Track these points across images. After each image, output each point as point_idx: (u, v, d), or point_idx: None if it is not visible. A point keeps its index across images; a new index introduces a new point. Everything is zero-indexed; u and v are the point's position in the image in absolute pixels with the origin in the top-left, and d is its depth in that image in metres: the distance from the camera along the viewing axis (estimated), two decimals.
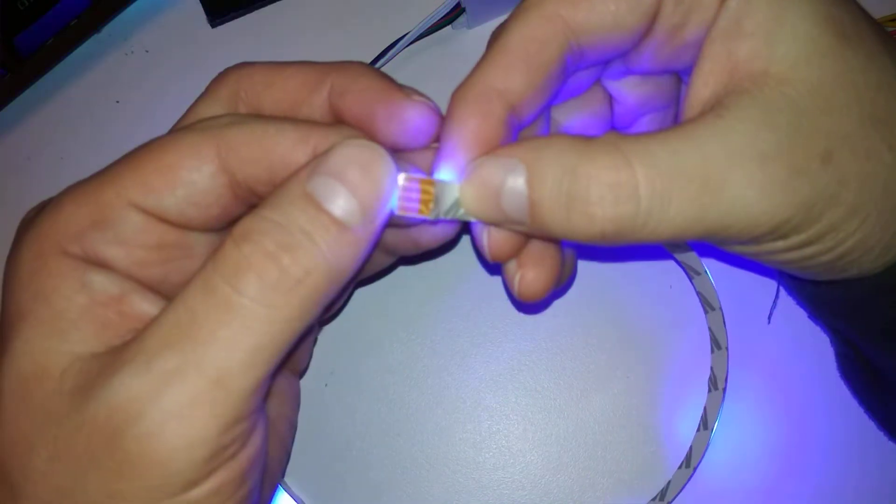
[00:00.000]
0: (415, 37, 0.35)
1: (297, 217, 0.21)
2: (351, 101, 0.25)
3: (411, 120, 0.24)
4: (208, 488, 0.21)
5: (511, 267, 0.26)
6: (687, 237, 0.22)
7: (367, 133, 0.25)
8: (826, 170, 0.21)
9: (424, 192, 0.23)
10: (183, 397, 0.20)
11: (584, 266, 0.35)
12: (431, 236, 0.27)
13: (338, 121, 0.26)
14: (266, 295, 0.20)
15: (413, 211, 0.23)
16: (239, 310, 0.20)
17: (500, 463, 0.35)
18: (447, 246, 0.29)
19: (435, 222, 0.26)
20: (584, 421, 0.35)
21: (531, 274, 0.25)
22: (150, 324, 0.21)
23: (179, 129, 0.24)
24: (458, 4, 0.35)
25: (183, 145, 0.23)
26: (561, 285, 0.27)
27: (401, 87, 0.25)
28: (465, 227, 0.26)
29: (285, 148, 0.23)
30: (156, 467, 0.20)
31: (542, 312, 0.35)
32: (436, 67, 0.37)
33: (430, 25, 0.35)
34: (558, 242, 0.26)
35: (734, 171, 0.21)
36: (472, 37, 0.37)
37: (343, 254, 0.21)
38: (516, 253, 0.25)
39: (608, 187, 0.21)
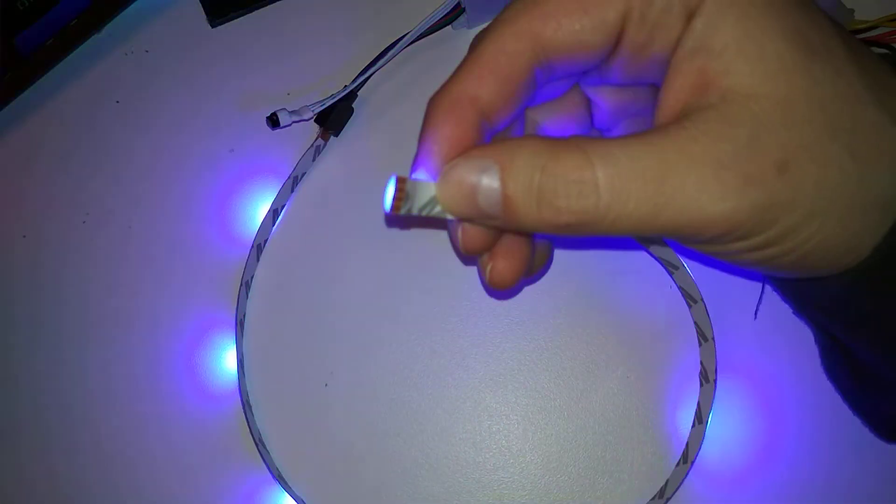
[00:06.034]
0: (415, 37, 0.35)
1: None
2: None
3: None
4: None
5: (484, 258, 0.27)
6: (646, 232, 0.23)
7: None
8: (781, 178, 0.22)
9: (400, 189, 0.24)
10: None
11: (584, 266, 0.35)
12: None
13: None
14: None
15: (392, 208, 0.24)
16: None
17: (500, 463, 0.35)
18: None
19: (409, 218, 0.27)
20: (583, 421, 0.35)
21: (501, 265, 0.27)
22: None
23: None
24: (458, 4, 0.35)
25: None
26: (532, 275, 0.30)
27: None
28: (441, 224, 0.27)
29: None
30: None
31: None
32: (436, 67, 0.37)
33: (430, 25, 0.35)
34: (529, 236, 0.28)
35: (690, 177, 0.22)
36: (471, 37, 0.37)
37: None
38: (488, 247, 0.27)
39: (572, 183, 0.23)
